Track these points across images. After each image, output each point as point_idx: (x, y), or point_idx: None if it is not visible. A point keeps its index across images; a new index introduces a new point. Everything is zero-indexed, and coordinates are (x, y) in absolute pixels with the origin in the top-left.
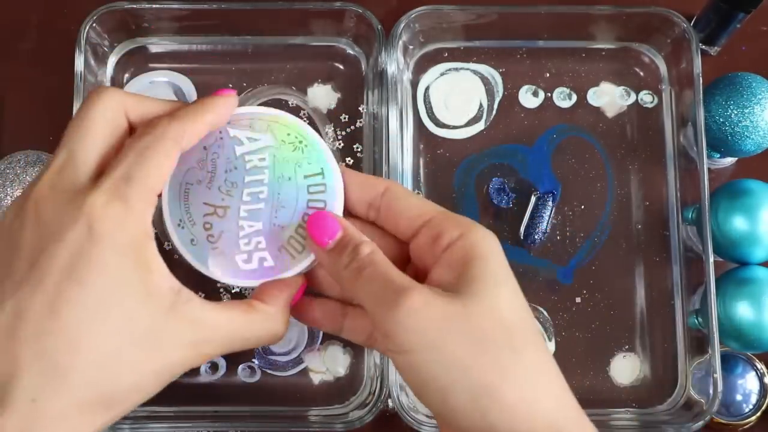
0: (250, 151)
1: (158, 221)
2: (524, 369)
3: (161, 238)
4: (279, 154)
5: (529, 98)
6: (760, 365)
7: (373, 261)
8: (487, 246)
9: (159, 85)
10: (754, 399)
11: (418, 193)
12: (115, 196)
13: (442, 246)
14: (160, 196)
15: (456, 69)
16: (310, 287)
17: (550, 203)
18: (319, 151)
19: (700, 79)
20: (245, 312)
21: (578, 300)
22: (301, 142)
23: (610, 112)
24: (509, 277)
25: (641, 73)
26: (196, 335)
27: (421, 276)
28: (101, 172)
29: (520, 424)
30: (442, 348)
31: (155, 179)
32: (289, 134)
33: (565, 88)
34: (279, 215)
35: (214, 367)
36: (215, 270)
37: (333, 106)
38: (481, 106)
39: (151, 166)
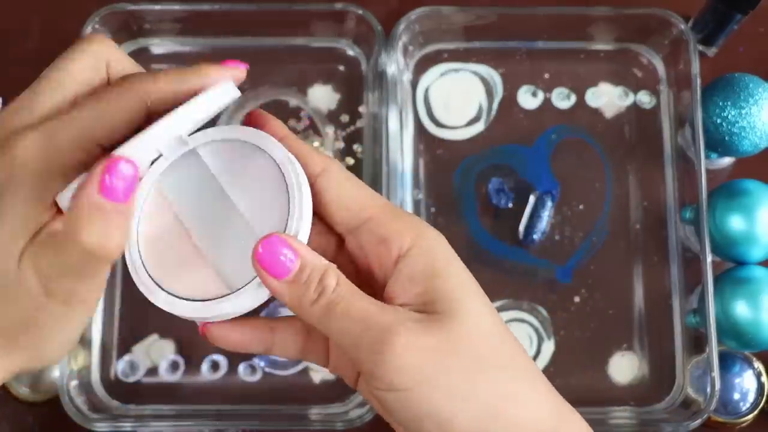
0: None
1: None
2: (518, 383)
3: None
4: None
5: (528, 99)
6: (757, 364)
7: (344, 295)
8: (444, 252)
9: None
10: (751, 397)
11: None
12: (43, 132)
13: (392, 256)
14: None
15: (455, 70)
16: None
17: (549, 203)
18: None
19: (698, 79)
20: None
21: (577, 299)
22: None
23: (609, 113)
24: (475, 282)
25: (639, 74)
26: None
27: (362, 274)
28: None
29: None
30: (440, 380)
31: (100, 129)
32: None
33: (563, 89)
34: None
35: (215, 366)
36: None
37: (333, 106)
38: (480, 106)
39: (96, 117)
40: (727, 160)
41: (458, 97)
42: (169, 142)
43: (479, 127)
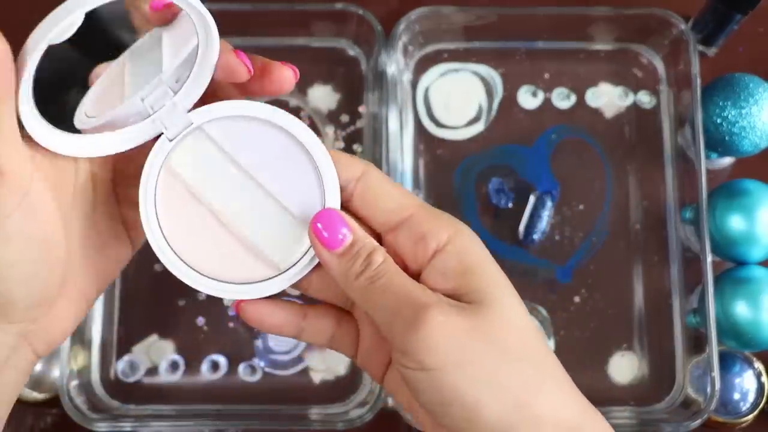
0: None
1: None
2: (545, 379)
3: None
4: None
5: (528, 99)
6: (757, 364)
7: (387, 270)
8: (478, 249)
9: None
10: (751, 397)
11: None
12: None
13: (428, 251)
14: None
15: (455, 70)
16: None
17: (549, 203)
18: None
19: (698, 79)
20: None
21: (577, 299)
22: None
23: (609, 113)
24: (507, 280)
25: (639, 74)
26: None
27: None
28: None
29: None
30: (469, 364)
31: None
32: None
33: (563, 89)
34: None
35: (215, 366)
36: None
37: (333, 106)
38: (480, 106)
39: None
40: (727, 160)
41: (458, 97)
42: (169, 117)
43: (479, 127)
